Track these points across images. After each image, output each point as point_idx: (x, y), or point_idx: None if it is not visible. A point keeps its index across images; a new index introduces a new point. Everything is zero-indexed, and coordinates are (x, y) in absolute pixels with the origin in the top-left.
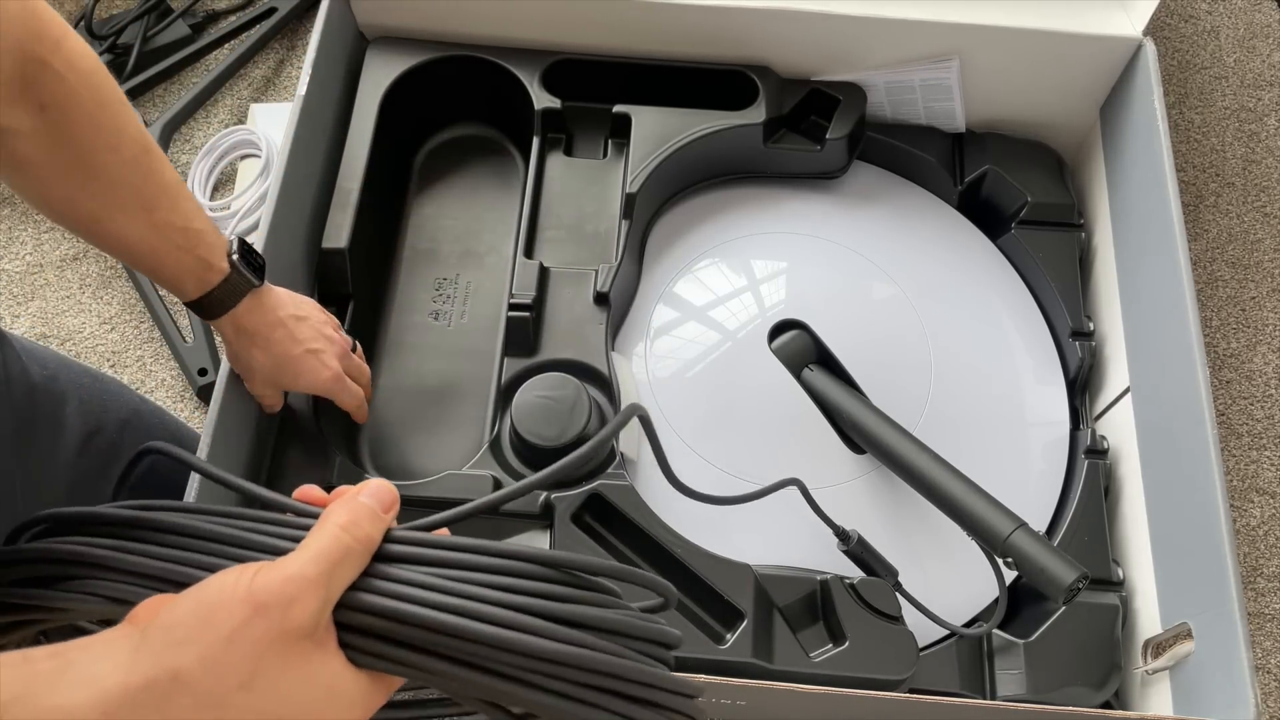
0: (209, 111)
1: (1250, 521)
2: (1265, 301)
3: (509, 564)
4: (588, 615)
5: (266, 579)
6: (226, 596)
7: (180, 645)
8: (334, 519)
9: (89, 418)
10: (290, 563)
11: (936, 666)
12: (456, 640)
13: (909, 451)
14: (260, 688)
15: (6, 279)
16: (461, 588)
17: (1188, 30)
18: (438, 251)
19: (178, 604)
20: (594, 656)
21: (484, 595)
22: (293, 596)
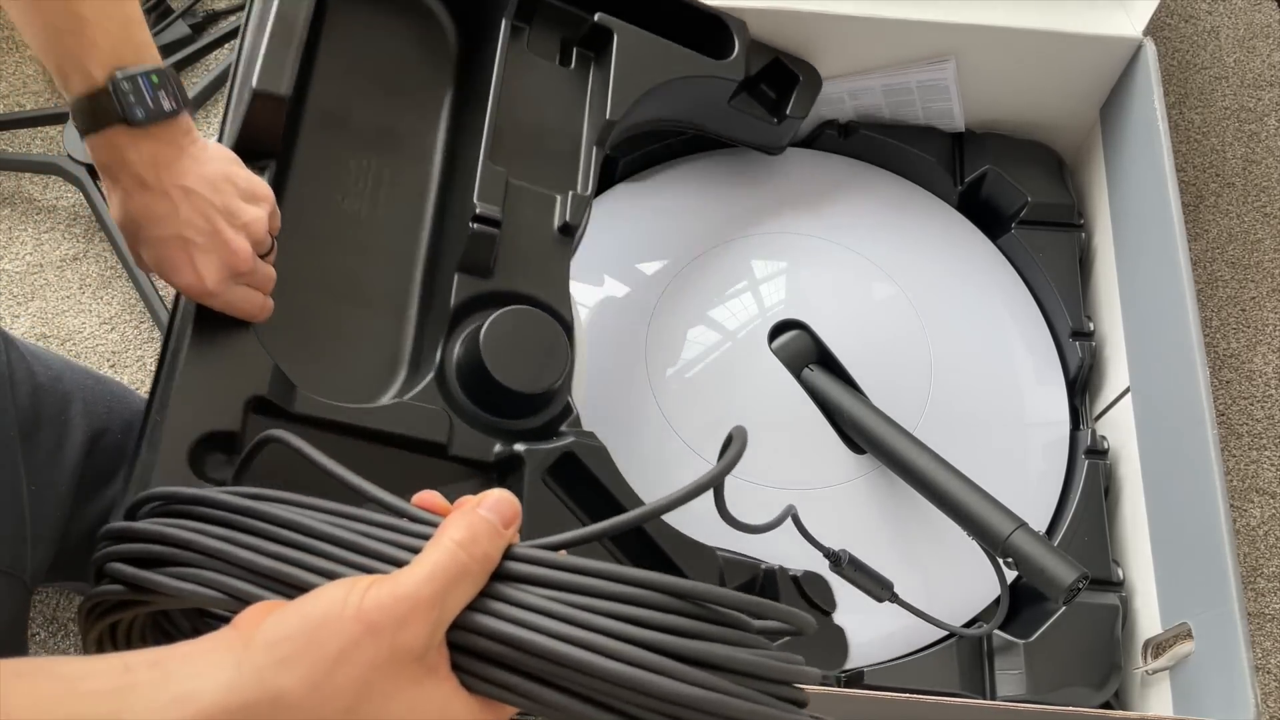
0: (209, 112)
1: (1250, 521)
2: (1265, 301)
3: (639, 593)
4: (722, 656)
5: (378, 596)
6: (335, 613)
7: (284, 664)
8: (451, 534)
9: (94, 419)
10: (404, 580)
11: (936, 666)
12: (579, 674)
13: (909, 451)
14: (366, 713)
15: (6, 279)
16: (587, 617)
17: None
18: (348, 121)
19: (284, 618)
20: (728, 702)
21: (611, 628)
22: (405, 617)
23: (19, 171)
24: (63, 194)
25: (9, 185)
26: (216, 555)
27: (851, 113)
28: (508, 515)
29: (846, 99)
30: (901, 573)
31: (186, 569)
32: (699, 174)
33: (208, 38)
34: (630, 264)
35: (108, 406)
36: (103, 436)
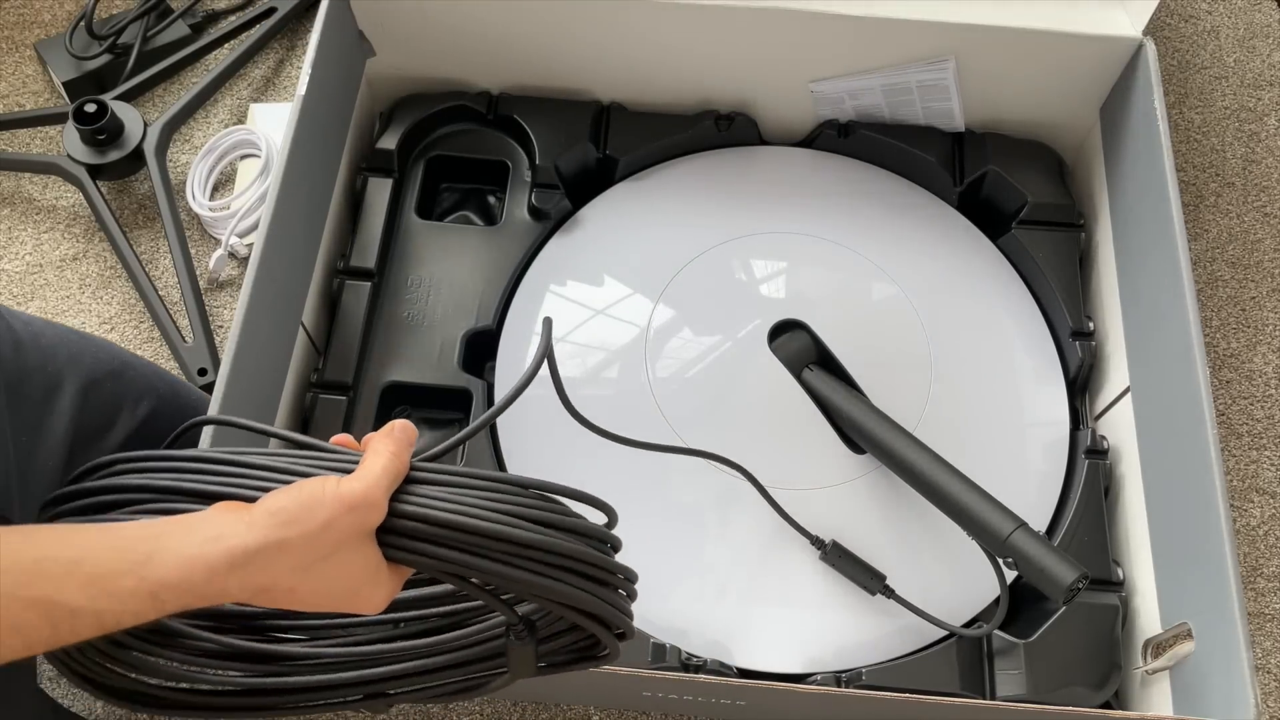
0: (209, 111)
1: (1250, 521)
2: (1265, 301)
3: (497, 485)
4: (553, 519)
5: (352, 486)
6: (320, 495)
7: (288, 525)
8: (385, 448)
9: (82, 370)
10: (366, 475)
11: (936, 666)
12: (463, 534)
13: (909, 451)
14: (336, 561)
15: (6, 279)
16: (467, 498)
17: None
18: None
19: (279, 495)
20: (560, 543)
21: (482, 503)
22: (373, 500)
23: (19, 171)
24: (63, 194)
25: (9, 185)
26: (167, 490)
27: (851, 113)
28: (412, 437)
29: (846, 99)
30: (901, 572)
31: (136, 508)
32: (699, 174)
33: (208, 38)
34: (630, 264)
35: (94, 358)
36: (93, 387)
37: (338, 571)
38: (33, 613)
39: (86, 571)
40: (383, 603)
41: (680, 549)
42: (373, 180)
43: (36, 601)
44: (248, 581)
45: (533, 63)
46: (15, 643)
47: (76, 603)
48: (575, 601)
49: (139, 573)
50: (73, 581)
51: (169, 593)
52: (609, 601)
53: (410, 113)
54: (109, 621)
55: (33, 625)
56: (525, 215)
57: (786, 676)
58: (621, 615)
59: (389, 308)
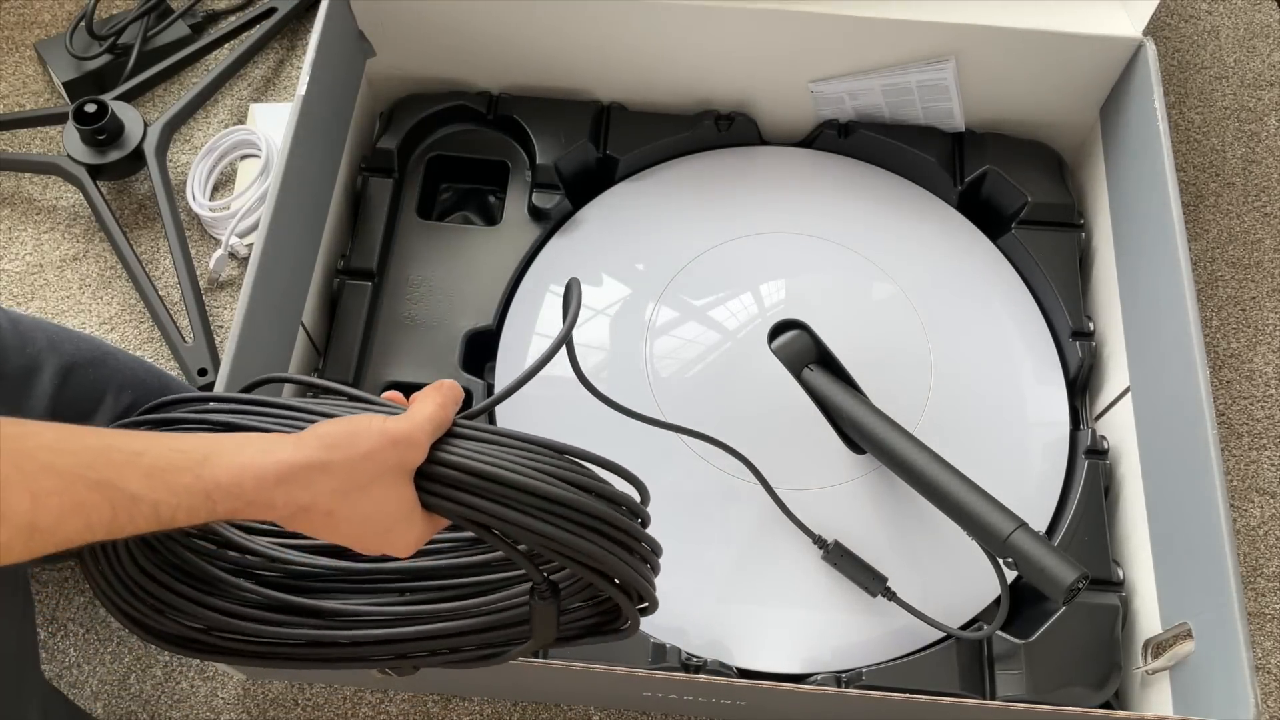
0: (209, 111)
1: (1250, 521)
2: (1265, 301)
3: (532, 447)
4: (586, 483)
5: (398, 424)
6: (365, 427)
7: (332, 449)
8: (433, 398)
9: (62, 355)
10: (413, 417)
11: (936, 666)
12: (497, 486)
13: (909, 451)
14: (373, 494)
15: (6, 279)
16: (503, 454)
17: (1188, 30)
18: None
19: (329, 423)
20: (590, 503)
21: (518, 460)
22: (412, 440)
23: (19, 171)
24: (63, 194)
25: (9, 185)
26: (224, 427)
27: (851, 113)
28: (458, 395)
29: (846, 99)
30: (901, 572)
31: None
32: (699, 174)
33: (208, 38)
34: (630, 264)
35: (74, 344)
36: (73, 372)
37: (374, 504)
38: (96, 494)
39: (148, 463)
40: (413, 545)
41: (680, 549)
42: (373, 180)
43: (100, 484)
44: (291, 497)
45: (533, 63)
46: (77, 523)
47: (138, 490)
48: (600, 562)
49: (196, 471)
50: (135, 470)
51: (220, 494)
52: (634, 568)
53: (410, 113)
54: (165, 514)
55: (95, 506)
56: (525, 215)
57: (786, 676)
58: (645, 584)
59: (389, 308)
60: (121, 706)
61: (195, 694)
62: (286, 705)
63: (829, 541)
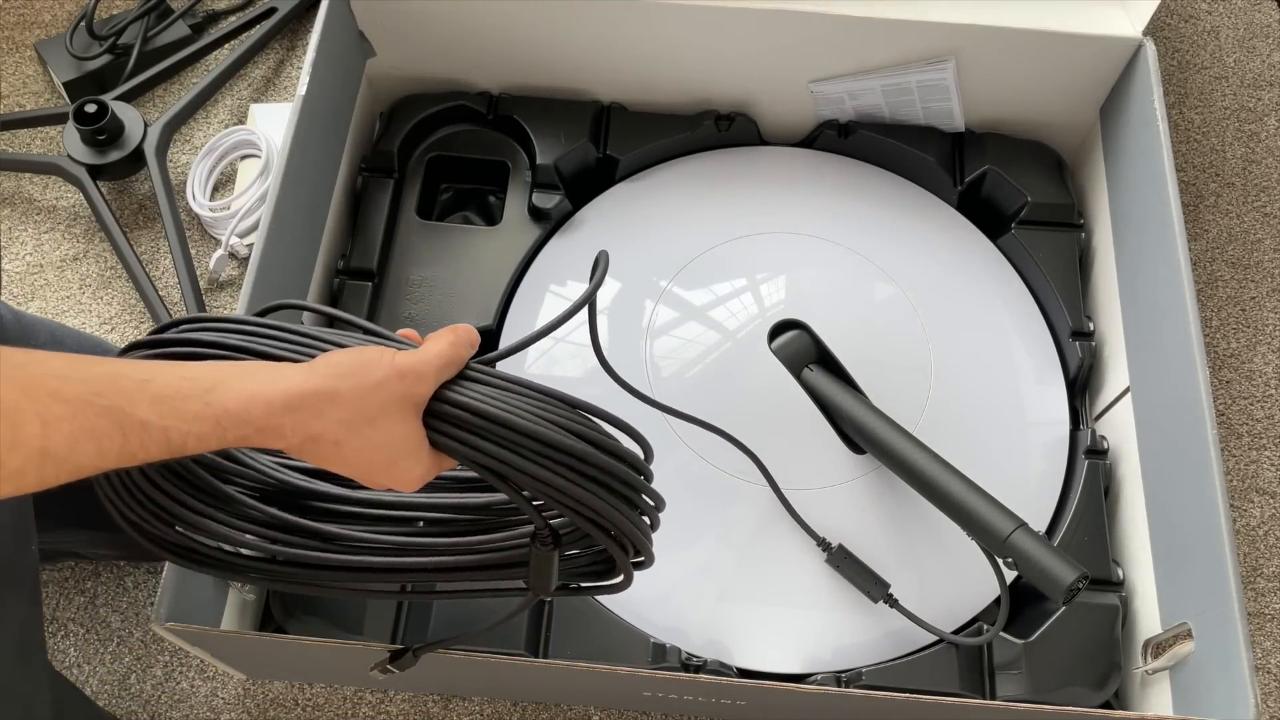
0: (209, 111)
1: (1250, 521)
2: (1265, 301)
3: (543, 397)
4: (593, 435)
5: (407, 358)
6: (376, 359)
7: (342, 377)
8: (446, 338)
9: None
10: (422, 352)
11: (936, 666)
12: (504, 429)
13: (909, 451)
14: (380, 425)
15: (7, 279)
16: (513, 400)
17: (1188, 30)
18: None
19: (337, 354)
20: (595, 454)
21: (528, 407)
22: (423, 374)
23: (19, 171)
24: (63, 194)
25: (9, 185)
26: (238, 349)
27: (851, 113)
28: (474, 339)
29: (846, 99)
30: (901, 572)
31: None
32: (699, 174)
33: (208, 38)
34: (630, 264)
35: (76, 341)
36: None
37: (381, 436)
38: (106, 420)
39: (156, 390)
40: (418, 481)
41: (681, 549)
42: (373, 180)
43: (110, 410)
44: (299, 425)
45: (533, 63)
46: (90, 449)
47: (147, 416)
48: (600, 512)
49: (205, 398)
50: (144, 396)
51: (230, 420)
52: (632, 520)
53: (410, 113)
54: (175, 440)
55: (106, 433)
56: (525, 215)
57: (786, 676)
58: (641, 537)
59: (389, 308)
60: (121, 706)
61: (195, 694)
62: (286, 705)
63: (833, 545)
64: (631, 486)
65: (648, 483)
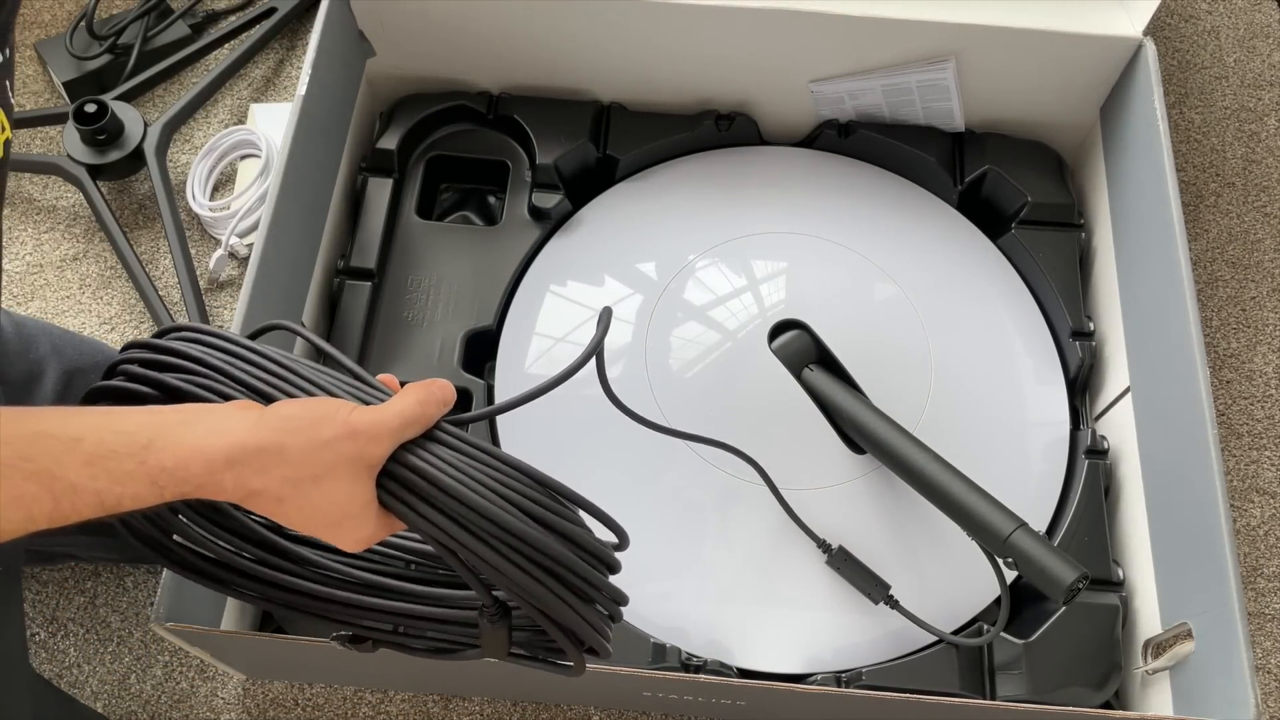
0: (209, 111)
1: (1250, 521)
2: (1265, 301)
3: (512, 471)
4: (555, 521)
5: (363, 416)
6: (331, 414)
7: (291, 433)
8: (414, 395)
9: (65, 359)
10: (382, 410)
11: (936, 666)
12: (458, 504)
13: (909, 451)
14: (325, 485)
15: (6, 279)
16: (475, 473)
17: (1188, 30)
18: None
19: (292, 404)
20: (549, 544)
21: (489, 481)
22: (378, 435)
23: (19, 171)
24: (63, 194)
25: (9, 185)
26: (218, 370)
27: (851, 113)
28: (448, 397)
29: (846, 99)
30: (901, 572)
31: (192, 376)
32: (699, 174)
33: (208, 38)
34: (630, 264)
35: (77, 350)
36: (76, 376)
37: (326, 496)
38: (34, 484)
39: (88, 450)
40: (363, 543)
41: (681, 549)
42: (373, 180)
43: (38, 474)
44: (241, 481)
45: (533, 63)
46: (17, 515)
47: (78, 479)
48: (546, 606)
49: (140, 456)
50: (75, 458)
51: (167, 479)
52: (583, 616)
53: (410, 113)
54: (109, 501)
55: (34, 497)
56: (525, 215)
57: (786, 676)
58: (593, 633)
59: (389, 308)
60: (121, 706)
61: (195, 694)
62: (286, 705)
63: (834, 546)
64: (589, 582)
65: (612, 572)
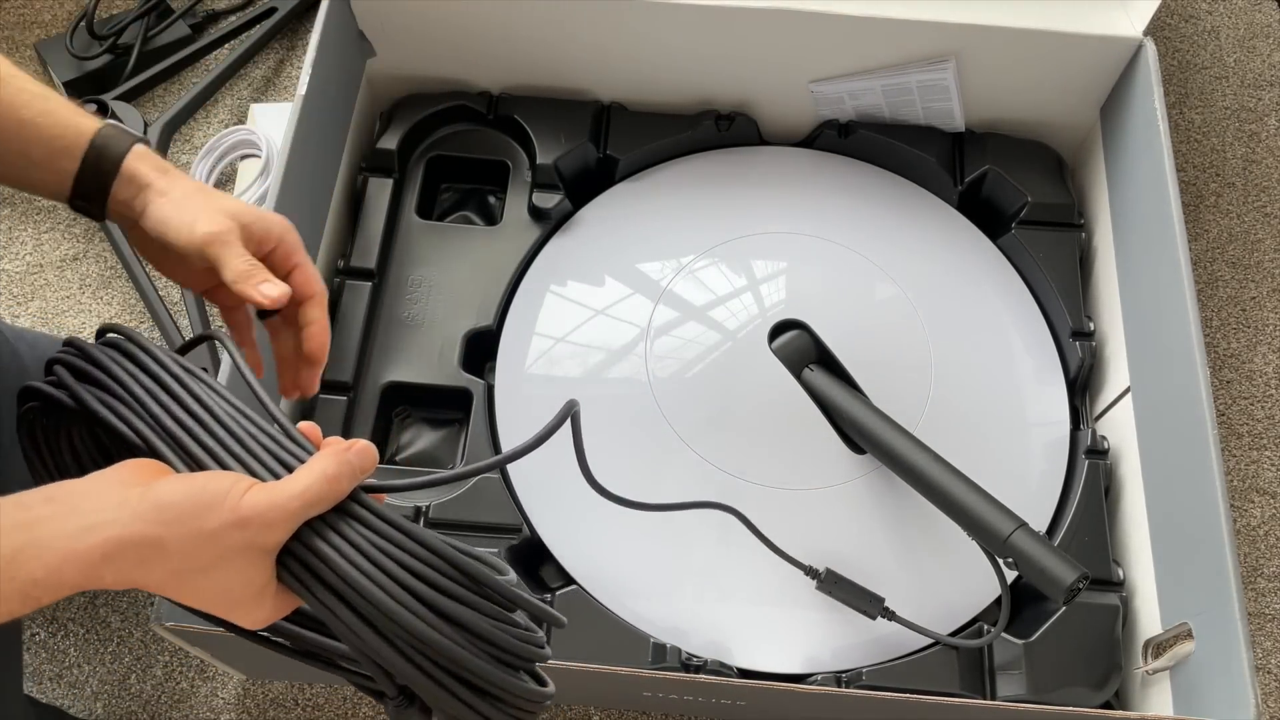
0: (209, 111)
1: (1250, 521)
2: (1265, 301)
3: (428, 555)
4: (466, 618)
5: (255, 500)
6: (218, 500)
7: (170, 524)
8: (322, 467)
9: None
10: (278, 492)
11: (936, 667)
12: (356, 594)
13: (909, 451)
14: (215, 575)
15: (6, 279)
16: (383, 560)
17: (1188, 30)
18: None
19: (176, 487)
20: (454, 650)
21: (395, 572)
22: (272, 522)
23: None
24: None
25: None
26: (137, 399)
27: (851, 113)
28: (367, 465)
29: (846, 99)
30: (901, 573)
31: (109, 397)
32: (699, 174)
33: (208, 38)
34: (630, 264)
35: None
36: None
37: (216, 585)
38: None
39: None
40: (261, 623)
41: (681, 549)
42: (373, 180)
43: None
44: (122, 575)
45: (533, 63)
46: None
47: None
48: (449, 709)
49: (8, 573)
50: None
51: (39, 590)
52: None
53: (410, 113)
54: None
55: None
56: (525, 215)
57: (786, 676)
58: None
59: (389, 308)
60: (121, 706)
61: (195, 694)
62: (286, 705)
63: (821, 571)
64: (503, 689)
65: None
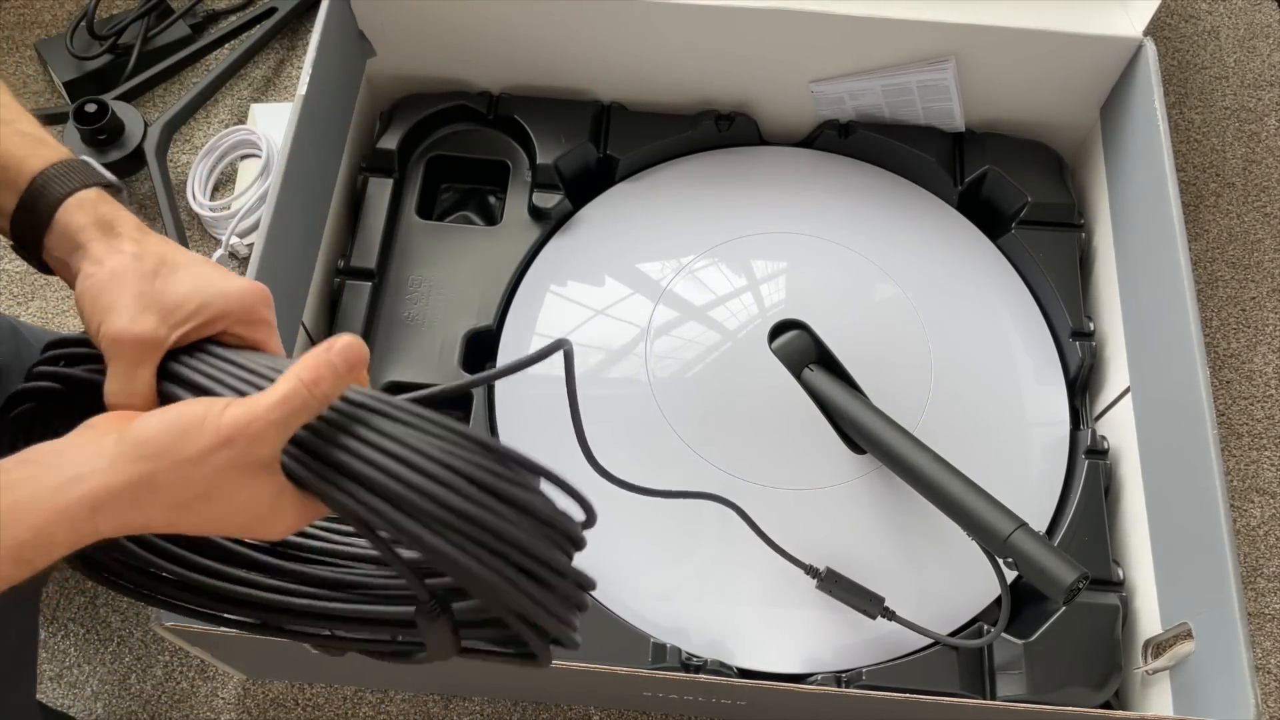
0: (209, 111)
1: (1250, 521)
2: (1265, 301)
3: (458, 438)
4: (512, 493)
5: (234, 416)
6: (197, 424)
7: (153, 458)
8: (299, 373)
9: None
10: (256, 404)
11: (936, 667)
12: (383, 476)
13: (909, 451)
14: (218, 498)
15: (6, 279)
16: (414, 439)
17: (1188, 30)
18: None
19: (148, 423)
20: (502, 525)
21: (432, 452)
22: (257, 435)
23: None
24: None
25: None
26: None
27: (851, 113)
28: (353, 360)
29: (846, 99)
30: (901, 573)
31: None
32: (699, 174)
33: (208, 38)
34: (630, 264)
35: None
36: None
37: (222, 508)
38: None
39: None
40: (284, 533)
41: (682, 549)
42: (373, 180)
43: None
44: (119, 524)
45: (533, 63)
46: None
47: None
48: (501, 594)
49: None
50: None
51: (30, 552)
52: (542, 604)
53: (410, 113)
54: None
55: None
56: (525, 215)
57: (786, 676)
58: (556, 621)
59: (389, 308)
60: (121, 706)
61: (195, 694)
62: (286, 705)
63: (821, 570)
64: (549, 565)
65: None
